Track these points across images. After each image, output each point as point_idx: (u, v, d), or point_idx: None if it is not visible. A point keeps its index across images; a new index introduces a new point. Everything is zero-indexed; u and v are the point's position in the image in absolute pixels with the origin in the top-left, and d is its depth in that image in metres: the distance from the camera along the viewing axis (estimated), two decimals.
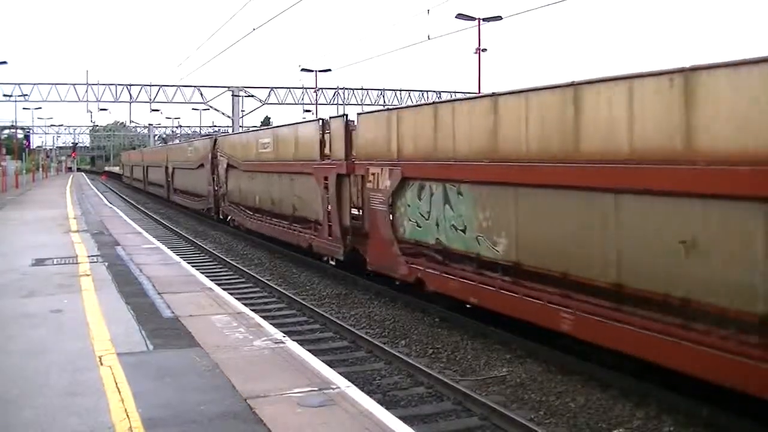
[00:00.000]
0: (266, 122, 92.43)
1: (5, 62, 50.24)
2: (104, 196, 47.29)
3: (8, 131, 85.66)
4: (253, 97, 58.03)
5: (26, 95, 55.99)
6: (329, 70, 53.24)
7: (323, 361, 7.88)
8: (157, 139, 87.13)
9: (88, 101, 56.20)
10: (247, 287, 16.21)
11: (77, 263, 14.36)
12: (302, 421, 5.79)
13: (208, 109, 60.07)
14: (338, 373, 7.37)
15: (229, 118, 56.46)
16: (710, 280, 7.22)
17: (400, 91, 62.76)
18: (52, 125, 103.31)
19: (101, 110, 70.41)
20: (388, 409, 6.58)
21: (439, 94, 59.34)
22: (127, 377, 6.86)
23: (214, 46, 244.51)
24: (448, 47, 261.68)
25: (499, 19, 34.82)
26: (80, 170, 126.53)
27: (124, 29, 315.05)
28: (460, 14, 34.49)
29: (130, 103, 57.18)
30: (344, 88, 61.18)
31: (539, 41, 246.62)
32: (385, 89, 62.32)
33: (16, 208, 32.09)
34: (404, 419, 6.42)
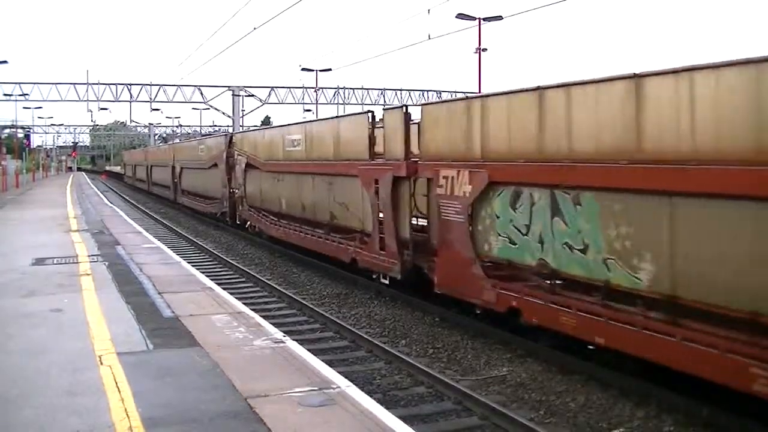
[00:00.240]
0: (266, 122, 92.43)
1: (6, 62, 50.26)
2: (104, 195, 47.31)
3: (8, 130, 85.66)
4: (253, 96, 58.02)
5: (26, 94, 55.95)
6: (330, 69, 53.20)
7: (323, 360, 7.88)
8: (157, 138, 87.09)
9: (88, 101, 56.11)
10: (247, 287, 16.21)
11: (77, 263, 14.36)
12: (302, 420, 5.79)
13: (208, 108, 59.99)
14: (338, 372, 7.37)
15: (229, 117, 56.44)
16: None
17: (400, 90, 62.72)
18: (52, 125, 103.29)
19: (101, 110, 70.15)
20: (388, 408, 6.58)
21: (439, 93, 59.30)
22: (127, 377, 6.86)
23: (214, 45, 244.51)
24: (448, 47, 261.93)
25: (499, 18, 34.80)
26: (81, 170, 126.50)
27: (124, 29, 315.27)
28: (460, 14, 34.43)
29: (130, 102, 57.08)
30: (345, 87, 61.18)
31: (540, 41, 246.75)
32: (385, 89, 62.29)
33: (16, 207, 32.10)
34: (404, 419, 6.42)
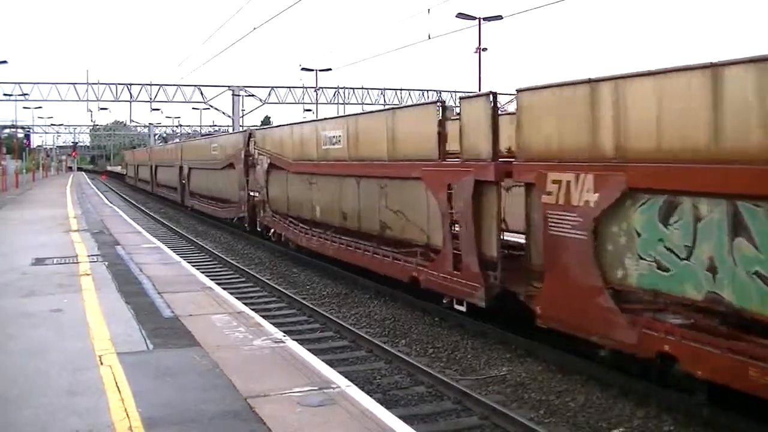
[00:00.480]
0: (266, 122, 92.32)
1: (5, 62, 50.19)
2: (104, 195, 47.31)
3: (8, 130, 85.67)
4: (253, 96, 58.06)
5: (26, 94, 56.03)
6: (329, 69, 53.23)
7: (323, 360, 7.88)
8: (157, 138, 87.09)
9: (88, 100, 56.22)
10: (247, 286, 16.22)
11: (77, 263, 14.35)
12: (302, 420, 5.78)
13: (208, 108, 60.05)
14: (338, 372, 7.37)
15: (229, 117, 56.49)
16: None
17: (400, 90, 62.74)
18: (52, 124, 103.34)
19: (101, 109, 70.37)
20: (388, 408, 6.58)
21: (439, 93, 59.33)
22: (127, 376, 6.86)
23: (214, 45, 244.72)
24: (448, 46, 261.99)
25: (499, 18, 34.82)
26: (81, 170, 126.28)
27: (124, 29, 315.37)
28: (460, 13, 34.47)
29: (130, 102, 57.15)
30: (345, 87, 61.19)
31: (540, 40, 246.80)
32: (385, 89, 62.32)
33: (16, 207, 32.09)
34: (404, 418, 6.42)
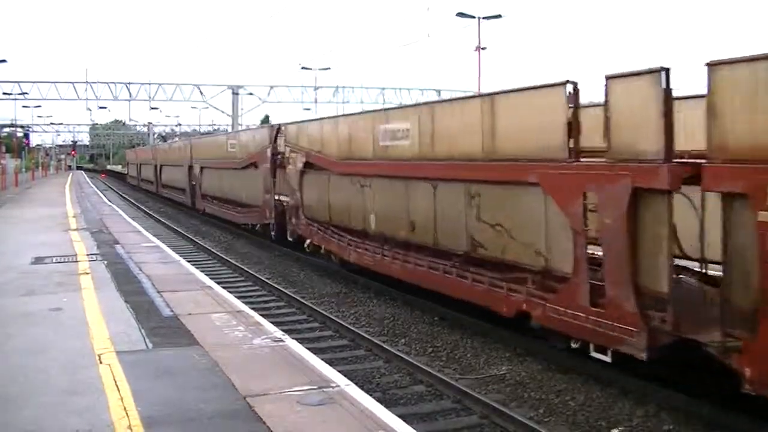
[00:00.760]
0: (266, 120, 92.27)
1: (5, 60, 50.26)
2: (104, 194, 47.29)
3: (8, 129, 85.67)
4: (252, 95, 58.09)
5: (26, 93, 56.07)
6: (329, 68, 53.43)
7: (323, 359, 7.88)
8: (156, 137, 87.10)
9: (87, 99, 56.28)
10: (246, 286, 16.21)
11: (77, 262, 14.35)
12: (302, 419, 5.78)
13: (207, 107, 60.10)
14: (338, 371, 7.37)
15: (228, 116, 56.53)
16: None
17: (400, 89, 62.78)
18: (51, 123, 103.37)
19: (101, 108, 70.44)
20: (387, 407, 6.57)
21: (439, 92, 59.34)
22: (126, 375, 6.86)
23: (213, 44, 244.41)
24: (448, 45, 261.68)
25: (499, 17, 34.87)
26: (80, 168, 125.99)
27: (123, 27, 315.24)
28: (460, 12, 34.52)
29: (129, 101, 57.24)
30: (344, 86, 61.23)
31: (539, 39, 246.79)
32: (385, 88, 62.36)
33: (15, 206, 32.08)
34: (404, 417, 6.41)
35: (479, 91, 32.46)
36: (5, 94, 55.79)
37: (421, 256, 12.57)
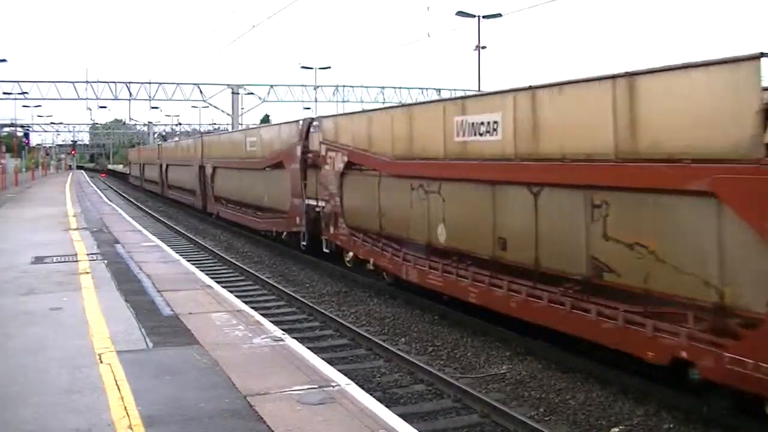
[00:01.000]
0: (266, 120, 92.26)
1: (5, 60, 50.16)
2: (104, 194, 47.30)
3: (8, 129, 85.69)
4: (252, 94, 58.12)
5: (26, 93, 56.10)
6: (329, 67, 53.37)
7: (323, 358, 7.88)
8: (156, 136, 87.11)
9: (87, 99, 56.28)
10: (246, 285, 16.21)
11: (77, 261, 14.34)
12: (302, 418, 5.78)
13: (207, 106, 60.10)
14: (338, 370, 7.36)
15: (228, 115, 56.56)
16: None
17: (400, 88, 62.78)
18: (51, 123, 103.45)
19: (101, 108, 70.41)
20: (387, 406, 6.57)
21: (439, 91, 59.36)
22: (126, 375, 6.86)
23: (213, 43, 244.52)
24: (447, 45, 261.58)
25: (498, 16, 34.86)
26: (81, 168, 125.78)
27: (123, 27, 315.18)
28: (460, 11, 34.50)
29: (129, 100, 57.26)
30: (344, 85, 61.25)
31: (539, 38, 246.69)
32: (384, 87, 62.36)
33: (15, 205, 32.08)
34: (404, 417, 6.41)
35: (479, 90, 32.43)
36: (5, 93, 55.86)
37: (513, 279, 10.13)
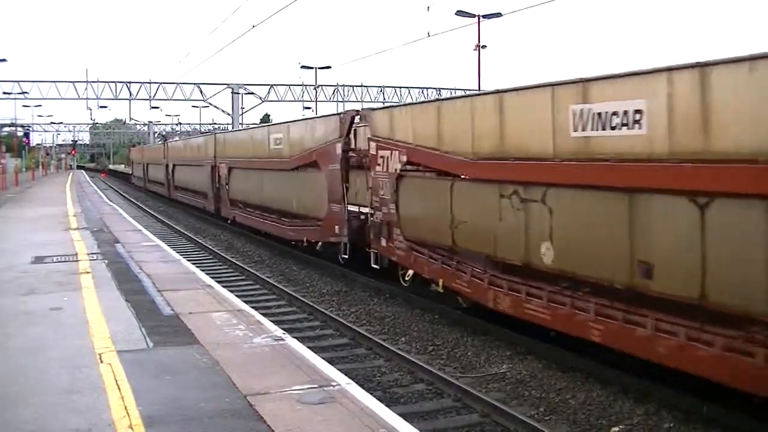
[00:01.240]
0: (266, 119, 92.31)
1: (5, 60, 50.10)
2: (104, 193, 47.30)
3: (8, 129, 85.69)
4: (252, 94, 58.06)
5: (26, 93, 56.00)
6: (329, 67, 53.29)
7: (323, 358, 7.88)
8: (156, 136, 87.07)
9: (87, 99, 56.16)
10: (247, 284, 16.21)
11: (77, 261, 14.35)
12: (302, 418, 5.78)
13: (207, 106, 60.01)
14: (338, 370, 7.36)
15: (228, 115, 56.52)
16: None
17: (400, 88, 62.72)
18: (51, 123, 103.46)
19: (101, 108, 70.26)
20: (388, 406, 6.57)
21: (439, 91, 59.30)
22: (126, 374, 6.86)
23: (213, 43, 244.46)
24: (447, 44, 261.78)
25: (498, 15, 34.82)
26: (81, 168, 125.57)
27: (123, 27, 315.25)
28: (459, 11, 34.45)
29: (129, 100, 57.11)
30: (344, 85, 61.19)
31: (539, 38, 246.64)
32: (384, 86, 62.31)
33: (15, 205, 32.09)
34: (404, 416, 6.41)
35: (479, 89, 32.36)
36: (5, 93, 55.73)
37: (661, 316, 7.65)
